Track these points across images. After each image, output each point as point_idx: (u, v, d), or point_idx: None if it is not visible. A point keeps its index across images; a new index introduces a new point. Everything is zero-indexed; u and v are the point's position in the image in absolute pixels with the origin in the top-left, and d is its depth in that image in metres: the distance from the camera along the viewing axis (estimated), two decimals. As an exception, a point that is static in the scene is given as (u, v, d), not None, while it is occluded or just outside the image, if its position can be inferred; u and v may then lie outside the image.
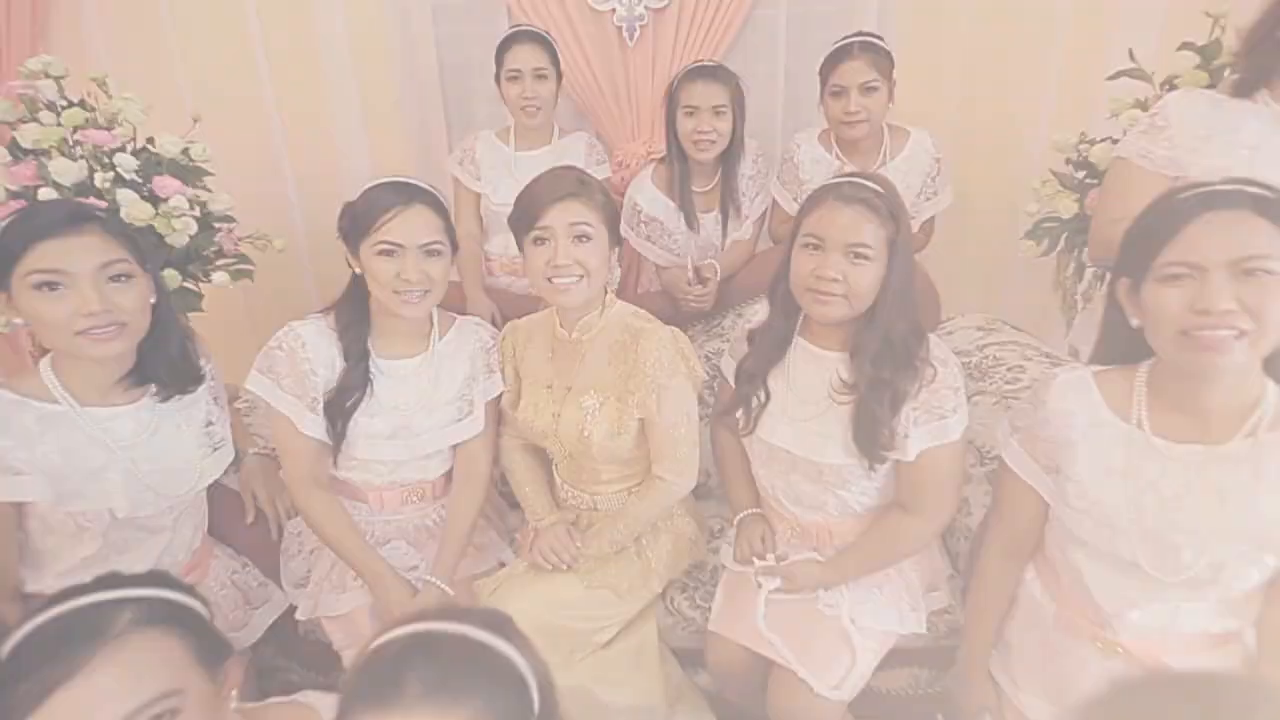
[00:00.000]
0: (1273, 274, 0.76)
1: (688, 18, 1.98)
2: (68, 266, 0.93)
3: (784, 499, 1.20)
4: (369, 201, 1.14)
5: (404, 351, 1.22)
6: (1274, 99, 1.11)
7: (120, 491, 1.02)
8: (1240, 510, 0.83)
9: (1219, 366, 0.80)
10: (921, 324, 1.09)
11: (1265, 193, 0.79)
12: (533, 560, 1.20)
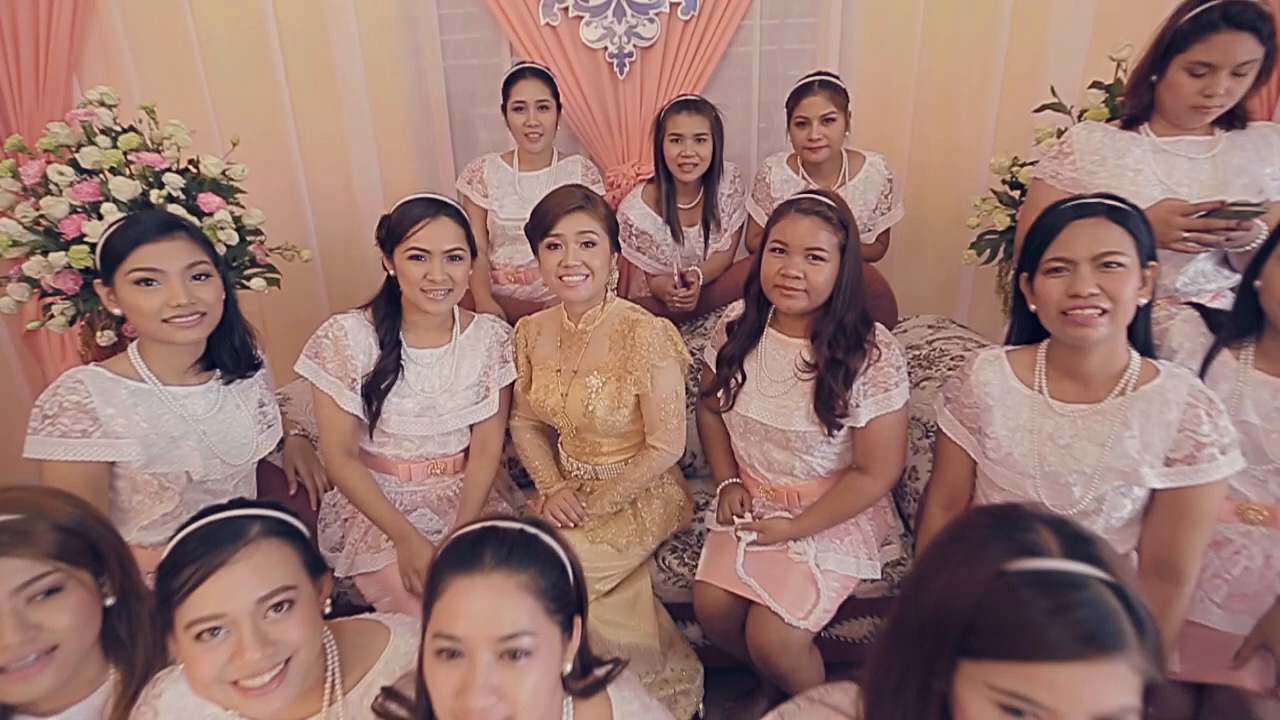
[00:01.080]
0: (1124, 266, 0.99)
1: (672, 54, 2.23)
2: (161, 265, 1.12)
3: (759, 466, 1.41)
4: (402, 214, 1.35)
5: (430, 342, 1.42)
6: (1152, 131, 1.36)
7: (195, 457, 1.19)
8: (1114, 452, 1.05)
9: (1089, 338, 1.02)
10: (869, 313, 1.32)
11: (1118, 205, 1.02)
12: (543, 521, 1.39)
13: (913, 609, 0.64)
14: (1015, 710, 0.55)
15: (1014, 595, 0.56)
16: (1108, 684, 0.54)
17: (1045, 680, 0.54)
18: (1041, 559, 0.57)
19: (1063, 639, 0.54)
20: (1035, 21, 2.18)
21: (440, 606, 0.71)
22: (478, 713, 0.66)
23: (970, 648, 0.58)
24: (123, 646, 0.91)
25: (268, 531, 0.82)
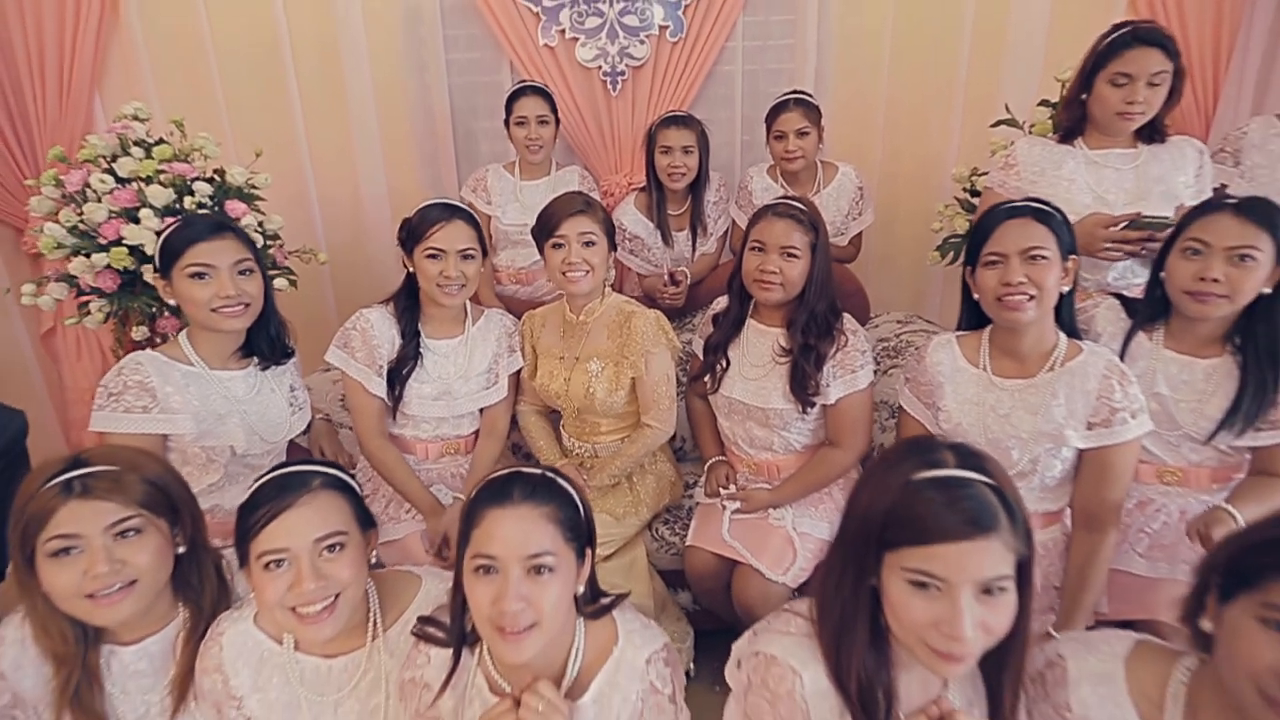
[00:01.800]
0: (1047, 259, 1.17)
1: (661, 73, 2.41)
2: (213, 261, 1.27)
3: (742, 443, 1.57)
4: (421, 217, 1.50)
5: (446, 333, 1.57)
6: (1085, 144, 1.55)
7: (239, 433, 1.33)
8: (1044, 419, 1.22)
9: (1020, 321, 1.19)
10: (838, 305, 1.49)
11: (1043, 207, 1.20)
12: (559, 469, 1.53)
13: (849, 521, 0.80)
14: (921, 584, 0.71)
15: (918, 495, 0.73)
16: (986, 557, 0.70)
17: (940, 557, 0.70)
18: (940, 469, 0.74)
19: (952, 524, 0.70)
20: (992, 46, 2.39)
21: (478, 533, 0.85)
22: (511, 615, 0.81)
23: (888, 541, 0.74)
24: (191, 590, 1.05)
25: (327, 484, 0.97)
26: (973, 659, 0.73)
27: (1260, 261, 1.13)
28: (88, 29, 2.41)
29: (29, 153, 2.54)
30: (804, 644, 0.83)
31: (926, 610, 0.72)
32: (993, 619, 0.71)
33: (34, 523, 0.90)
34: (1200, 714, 0.77)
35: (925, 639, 0.72)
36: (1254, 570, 0.69)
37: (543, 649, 0.87)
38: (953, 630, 0.70)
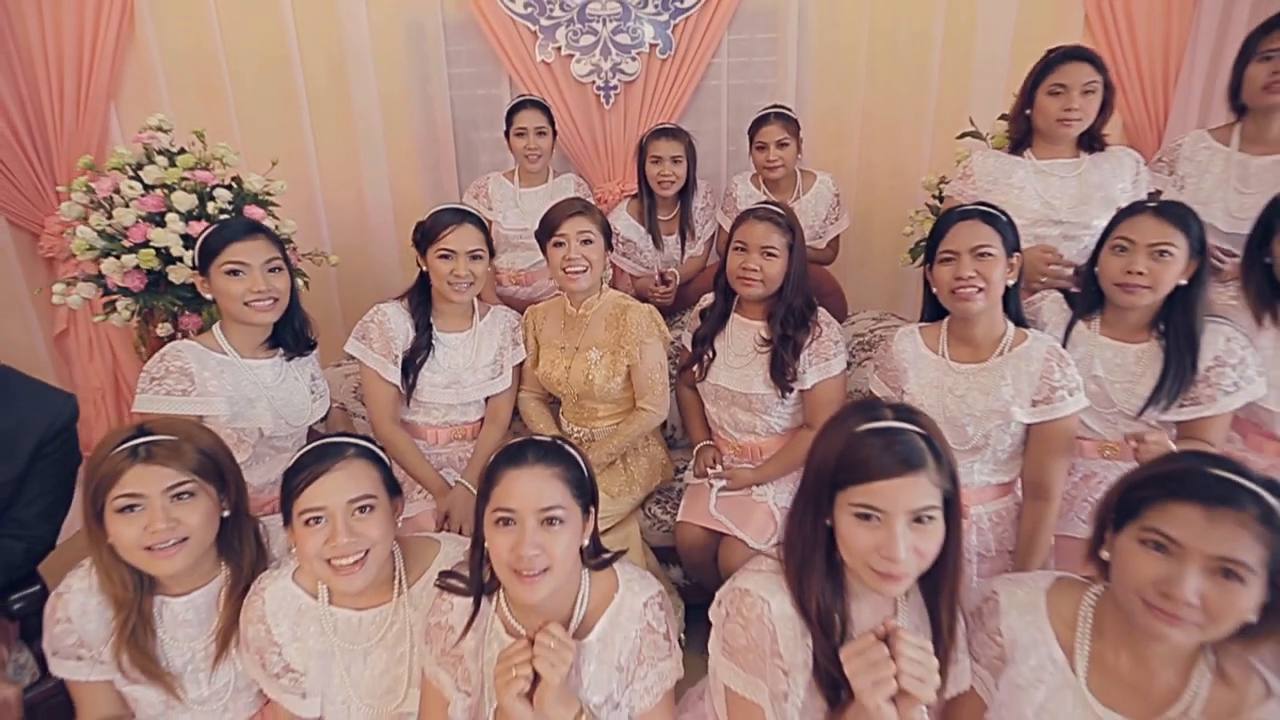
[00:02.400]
0: (994, 255, 1.32)
1: (651, 88, 2.57)
2: (247, 259, 1.40)
3: (728, 427, 1.71)
4: (434, 220, 1.63)
5: (455, 327, 1.70)
6: (1033, 155, 1.72)
7: (267, 416, 1.45)
8: (994, 398, 1.37)
9: (971, 310, 1.34)
10: (813, 300, 1.63)
11: (991, 210, 1.36)
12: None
13: (808, 470, 0.94)
14: (864, 515, 0.86)
15: (862, 442, 0.87)
16: (916, 491, 0.84)
17: (879, 492, 0.85)
18: (879, 421, 0.88)
19: (888, 463, 0.84)
20: (960, 65, 2.56)
21: (497, 490, 0.98)
22: (527, 559, 0.94)
23: (838, 482, 0.88)
24: (232, 550, 1.17)
25: (359, 454, 1.10)
26: (909, 579, 0.87)
27: (1176, 257, 1.29)
28: (106, 44, 2.54)
29: (45, 161, 2.66)
30: (771, 578, 0.96)
31: (869, 538, 0.86)
32: (923, 544, 0.85)
33: (104, 483, 1.02)
34: (1104, 630, 0.91)
35: (869, 563, 0.86)
36: (1135, 503, 0.83)
37: (553, 593, 1.00)
38: (890, 553, 0.84)
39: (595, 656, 1.03)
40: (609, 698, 1.02)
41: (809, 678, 0.92)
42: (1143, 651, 0.87)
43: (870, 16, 2.53)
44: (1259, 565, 0.76)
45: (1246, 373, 1.32)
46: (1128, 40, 2.48)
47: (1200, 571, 0.78)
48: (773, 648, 0.93)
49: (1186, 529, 0.78)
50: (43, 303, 2.67)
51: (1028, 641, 0.95)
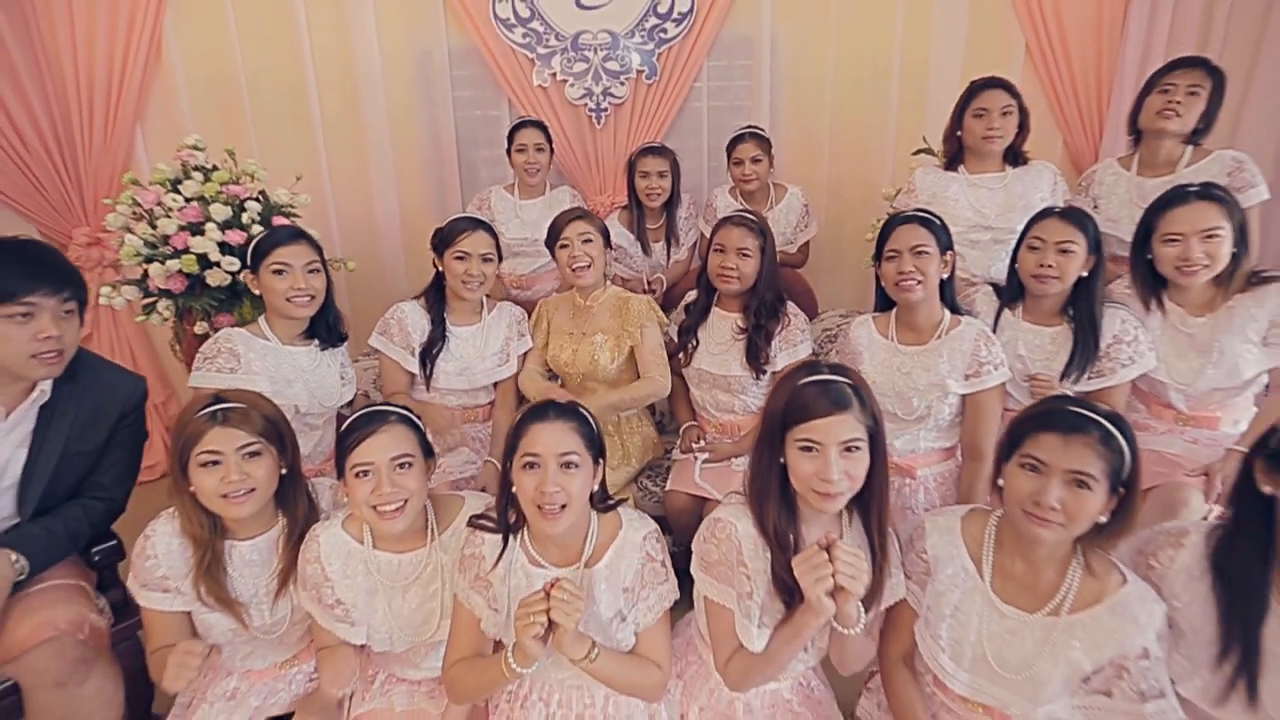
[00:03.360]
0: (929, 253, 1.57)
1: (639, 110, 2.82)
2: (290, 261, 1.61)
3: (709, 407, 1.94)
4: (451, 226, 1.86)
5: (467, 321, 1.92)
6: (966, 170, 1.99)
7: (303, 396, 1.66)
8: (934, 374, 1.61)
9: (911, 299, 1.59)
10: (783, 294, 1.88)
11: (927, 215, 1.61)
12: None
13: (764, 419, 1.17)
14: (807, 448, 1.08)
15: (804, 390, 1.10)
16: (844, 426, 1.07)
17: (816, 428, 1.07)
18: (817, 375, 1.12)
19: (823, 405, 1.07)
20: (917, 88, 2.83)
21: (524, 440, 1.20)
22: (549, 495, 1.15)
23: (786, 423, 1.11)
24: (288, 504, 1.37)
25: (400, 420, 1.31)
26: (843, 498, 1.10)
27: (1078, 252, 1.55)
28: (135, 69, 2.75)
29: (74, 177, 2.85)
30: (739, 508, 1.19)
31: (810, 465, 1.09)
32: (852, 469, 1.08)
33: (189, 441, 1.23)
34: (1003, 544, 1.14)
35: (811, 486, 1.09)
36: (1018, 437, 1.07)
37: (569, 529, 1.21)
38: (826, 475, 1.07)
39: (605, 580, 1.24)
40: (618, 613, 1.23)
41: (768, 582, 1.14)
42: (1030, 556, 1.11)
43: (835, 47, 2.81)
44: (1102, 476, 1.00)
45: (1139, 349, 1.58)
46: (1065, 68, 2.77)
47: (1060, 483, 1.01)
48: (739, 558, 1.15)
49: (1050, 452, 1.02)
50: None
51: (945, 556, 1.18)
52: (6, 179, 2.71)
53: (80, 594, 1.35)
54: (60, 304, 1.30)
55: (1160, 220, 1.54)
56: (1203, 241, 1.48)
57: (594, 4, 2.71)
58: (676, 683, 1.37)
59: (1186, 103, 1.83)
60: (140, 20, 2.69)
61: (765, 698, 1.31)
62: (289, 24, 2.76)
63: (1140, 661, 1.04)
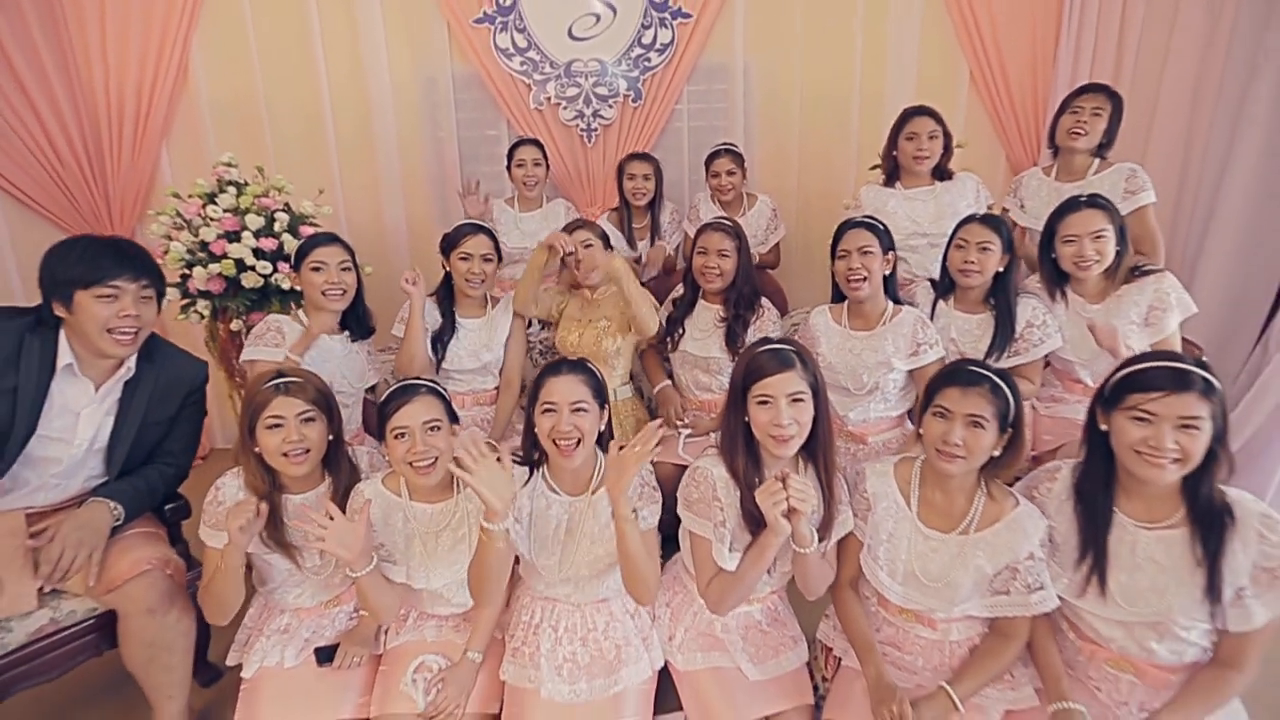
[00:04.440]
0: (873, 253, 1.87)
1: (626, 129, 3.12)
2: (325, 260, 1.88)
3: (692, 386, 2.21)
4: (456, 231, 2.13)
5: (473, 314, 2.19)
6: (901, 185, 2.31)
7: (336, 375, 1.91)
8: (880, 354, 1.91)
9: (859, 295, 1.89)
10: (759, 290, 2.16)
11: (871, 220, 1.91)
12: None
13: (730, 385, 1.44)
14: (763, 402, 1.36)
15: (758, 355, 1.38)
16: (790, 381, 1.34)
17: (769, 385, 1.35)
18: (768, 345, 1.40)
19: (772, 364, 1.35)
20: (875, 108, 3.14)
21: (543, 391, 1.47)
22: (564, 433, 1.42)
23: (746, 384, 1.38)
24: (334, 465, 1.61)
25: (430, 391, 1.56)
26: (795, 442, 1.37)
27: (995, 251, 1.86)
28: (163, 90, 2.99)
29: (102, 190, 3.08)
30: (714, 459, 1.47)
31: (766, 415, 1.36)
32: (799, 416, 1.35)
33: (257, 408, 1.47)
34: (926, 480, 1.43)
35: (769, 432, 1.36)
36: (931, 393, 1.36)
37: (581, 464, 1.49)
38: (778, 421, 1.34)
39: (607, 503, 1.51)
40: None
41: (738, 515, 1.42)
42: (945, 488, 1.39)
43: (801, 74, 3.12)
44: (993, 418, 1.29)
45: (1048, 331, 1.88)
46: (1004, 92, 3.11)
47: (962, 425, 1.30)
48: (713, 495, 1.43)
49: (953, 401, 1.31)
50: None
51: (881, 493, 1.46)
52: (43, 191, 2.93)
53: (162, 539, 1.58)
54: (139, 289, 1.53)
55: (1059, 225, 1.85)
56: (1093, 241, 1.80)
57: (585, 35, 3.01)
58: (665, 610, 1.64)
59: (1091, 122, 2.17)
60: (169, 46, 2.94)
61: (740, 619, 1.58)
62: (306, 50, 3.03)
63: (1028, 562, 1.33)
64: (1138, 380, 1.22)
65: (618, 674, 1.51)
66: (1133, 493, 1.30)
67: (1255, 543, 1.20)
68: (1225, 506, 1.22)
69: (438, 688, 1.54)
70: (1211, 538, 1.21)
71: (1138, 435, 1.22)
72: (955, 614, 1.39)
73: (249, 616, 1.70)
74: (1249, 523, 1.21)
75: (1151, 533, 1.28)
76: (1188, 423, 1.17)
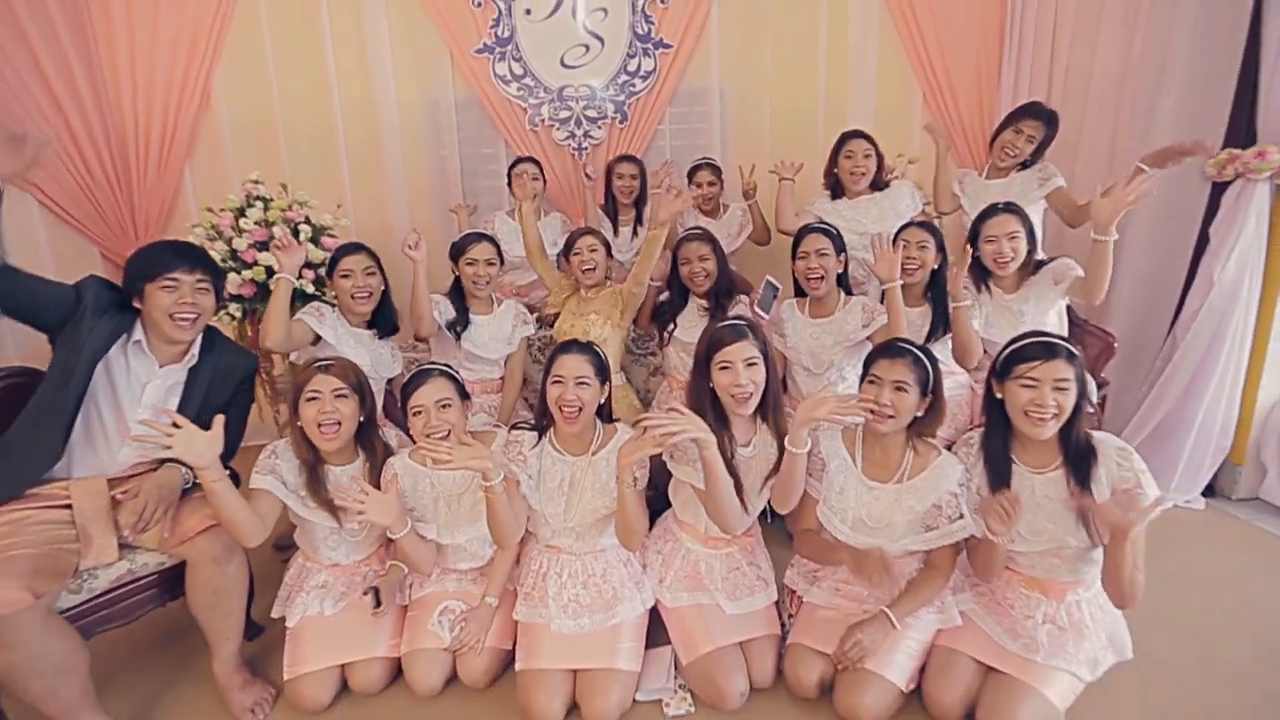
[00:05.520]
0: (828, 255, 2.18)
1: (614, 148, 3.42)
2: (352, 267, 2.15)
3: (682, 369, 2.48)
4: (463, 239, 2.42)
5: (482, 311, 2.46)
6: (846, 198, 2.63)
7: (366, 363, 2.17)
8: (834, 337, 2.21)
9: (818, 291, 2.20)
10: (735, 285, 2.46)
11: (825, 226, 2.22)
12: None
13: (695, 357, 1.73)
14: (724, 368, 1.65)
15: (717, 330, 1.68)
16: (745, 349, 1.63)
17: (728, 353, 1.64)
18: (725, 320, 1.69)
19: (729, 336, 1.65)
20: (838, 126, 3.46)
21: (554, 366, 1.74)
22: (569, 401, 1.69)
23: (709, 355, 1.67)
24: (366, 443, 1.87)
25: (442, 374, 1.83)
26: (753, 400, 1.65)
27: (930, 249, 2.18)
28: (187, 113, 3.26)
29: (129, 206, 3.32)
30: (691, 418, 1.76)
31: (728, 379, 1.65)
32: (754, 376, 1.64)
33: (302, 384, 1.73)
34: (867, 439, 1.72)
35: (730, 393, 1.65)
36: (868, 365, 1.66)
37: (582, 430, 1.76)
38: (738, 382, 1.63)
39: (605, 463, 1.78)
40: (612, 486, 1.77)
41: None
42: (882, 444, 1.69)
43: (771, 96, 3.46)
44: (915, 384, 1.59)
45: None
46: (954, 109, 3.46)
47: (889, 390, 1.60)
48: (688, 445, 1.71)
49: (883, 370, 1.61)
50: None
51: (832, 453, 1.75)
52: (76, 206, 3.18)
53: (221, 503, 1.84)
54: (196, 281, 1.77)
55: (982, 228, 2.18)
56: (1009, 241, 2.12)
57: (576, 64, 3.32)
58: (657, 556, 1.91)
59: (1024, 147, 2.51)
60: (194, 73, 3.21)
61: (722, 560, 1.85)
62: (320, 76, 3.31)
63: (949, 499, 1.63)
64: (1021, 354, 1.53)
65: (614, 610, 1.78)
66: (1025, 446, 1.60)
67: (1115, 469, 1.51)
68: (1090, 447, 1.53)
69: (461, 626, 1.81)
70: (1081, 472, 1.52)
71: (1026, 398, 1.52)
72: (896, 550, 1.68)
73: (289, 575, 1.96)
74: (1109, 454, 1.52)
75: (1042, 475, 1.58)
76: (1060, 384, 1.48)
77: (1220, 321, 2.51)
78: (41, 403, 1.67)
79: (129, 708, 1.80)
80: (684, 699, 1.73)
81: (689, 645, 1.76)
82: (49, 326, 1.68)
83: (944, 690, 1.60)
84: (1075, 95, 3.19)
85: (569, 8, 3.30)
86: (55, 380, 1.66)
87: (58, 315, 1.67)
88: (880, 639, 1.62)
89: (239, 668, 1.79)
